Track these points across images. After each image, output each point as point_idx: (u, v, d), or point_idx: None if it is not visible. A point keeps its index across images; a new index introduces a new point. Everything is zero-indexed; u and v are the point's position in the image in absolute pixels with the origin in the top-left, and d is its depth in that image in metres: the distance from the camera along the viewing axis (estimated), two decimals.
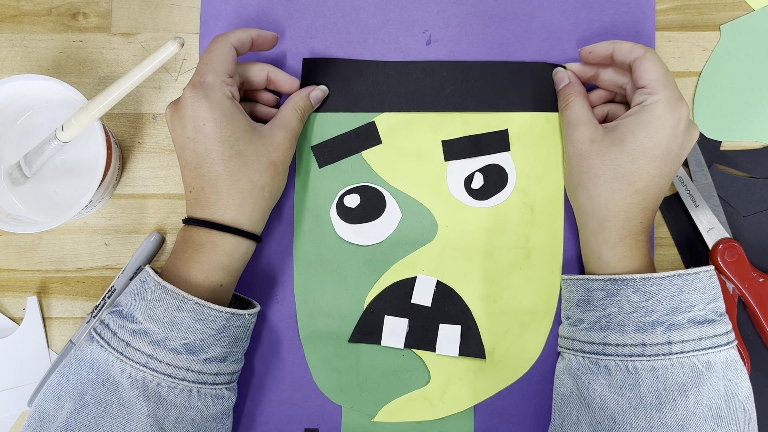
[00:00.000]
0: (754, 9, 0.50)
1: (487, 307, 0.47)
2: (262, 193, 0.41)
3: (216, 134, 0.40)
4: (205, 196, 0.40)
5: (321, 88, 0.47)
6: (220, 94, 0.40)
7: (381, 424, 0.47)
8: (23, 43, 0.49)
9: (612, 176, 0.41)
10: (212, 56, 0.41)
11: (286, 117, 0.43)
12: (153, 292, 0.38)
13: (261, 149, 0.41)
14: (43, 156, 0.43)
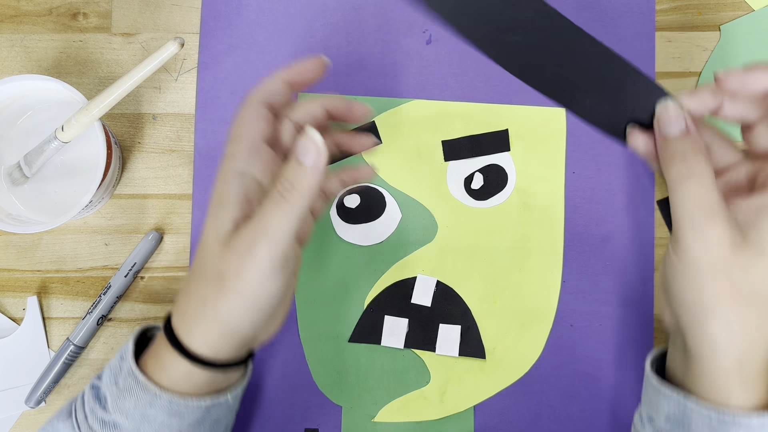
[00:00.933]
0: (754, 9, 0.50)
1: (488, 307, 0.47)
2: (203, 308, 0.31)
3: (209, 222, 0.33)
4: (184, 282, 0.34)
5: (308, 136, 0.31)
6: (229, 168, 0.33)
7: (381, 424, 0.47)
8: (23, 43, 0.49)
9: (761, 298, 0.29)
10: (239, 128, 0.33)
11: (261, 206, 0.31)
12: (125, 379, 0.33)
13: (215, 251, 0.31)
14: (44, 156, 0.43)
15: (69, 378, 0.47)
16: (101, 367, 0.47)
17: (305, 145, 0.31)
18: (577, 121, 0.49)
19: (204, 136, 0.48)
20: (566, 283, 0.48)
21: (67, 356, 0.45)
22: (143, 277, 0.48)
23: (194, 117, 0.48)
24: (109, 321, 0.47)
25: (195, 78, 0.49)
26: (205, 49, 0.49)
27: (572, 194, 0.48)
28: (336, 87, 0.48)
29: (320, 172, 0.31)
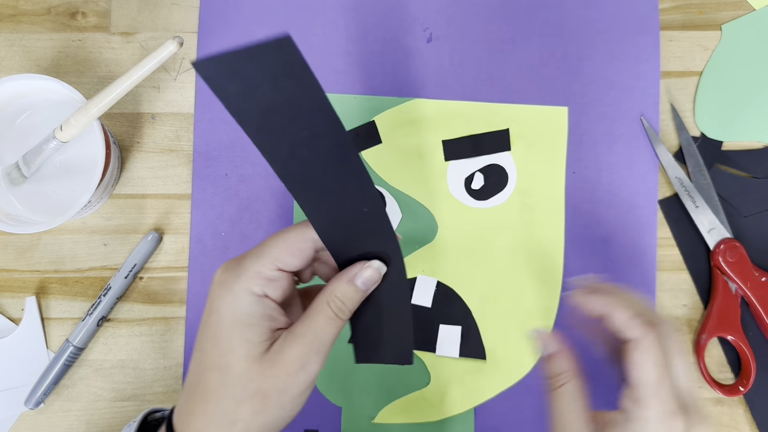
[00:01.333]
0: (755, 8, 0.49)
1: (488, 307, 0.47)
2: (230, 428, 0.30)
3: (213, 331, 0.31)
4: (184, 396, 0.32)
5: (373, 265, 0.32)
6: (242, 287, 0.31)
7: (381, 425, 0.47)
8: (22, 43, 0.49)
9: None
10: (274, 241, 0.32)
11: (311, 320, 0.31)
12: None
13: (253, 370, 0.30)
14: (42, 156, 0.43)
15: (68, 379, 0.47)
16: (100, 368, 0.47)
17: (370, 275, 0.32)
18: (578, 121, 0.49)
19: (203, 135, 0.48)
20: (567, 284, 0.48)
21: (67, 357, 0.45)
22: (142, 278, 0.47)
23: (193, 116, 0.48)
24: (108, 321, 0.47)
25: (194, 77, 0.48)
26: (204, 48, 0.49)
27: (573, 194, 0.48)
28: (336, 86, 0.48)
29: (366, 295, 0.33)
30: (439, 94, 0.48)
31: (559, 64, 0.49)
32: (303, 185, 0.29)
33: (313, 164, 0.28)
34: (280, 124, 0.27)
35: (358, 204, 0.30)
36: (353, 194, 0.30)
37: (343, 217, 0.31)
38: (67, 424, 0.46)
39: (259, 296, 0.31)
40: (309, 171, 0.29)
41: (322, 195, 0.30)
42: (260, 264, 0.31)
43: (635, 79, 0.49)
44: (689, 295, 0.48)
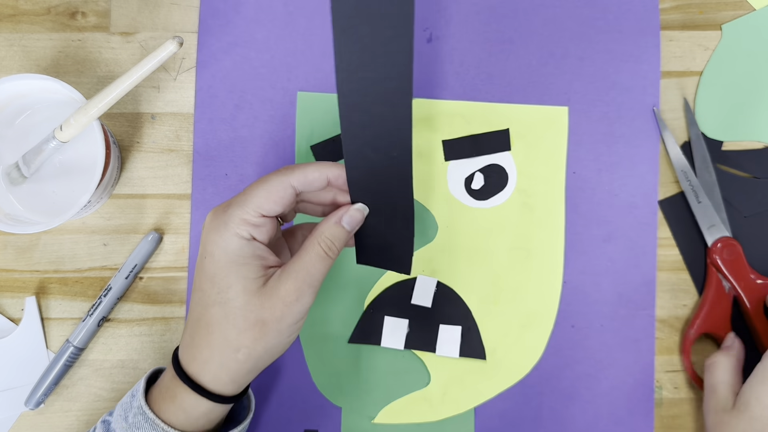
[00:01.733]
0: (755, 8, 0.49)
1: (488, 308, 0.47)
2: (234, 354, 0.34)
3: (210, 272, 0.34)
4: (189, 330, 0.36)
5: (357, 208, 0.36)
6: (232, 233, 0.34)
7: (381, 425, 0.47)
8: (21, 43, 0.49)
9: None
10: (256, 189, 0.35)
11: (303, 258, 0.35)
12: (135, 415, 0.35)
13: (252, 303, 0.34)
14: (42, 156, 0.43)
15: (68, 379, 0.47)
16: (100, 368, 0.47)
17: (354, 216, 0.36)
18: (578, 121, 0.49)
19: (203, 135, 0.48)
20: (567, 284, 0.48)
21: (67, 357, 0.45)
22: (142, 278, 0.47)
23: (193, 116, 0.48)
24: (108, 321, 0.47)
25: (194, 77, 0.48)
26: (204, 48, 0.48)
27: (573, 194, 0.48)
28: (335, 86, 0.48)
29: (352, 234, 0.36)
30: (439, 94, 0.48)
31: (559, 64, 0.49)
32: (354, 108, 0.32)
33: (370, 95, 0.31)
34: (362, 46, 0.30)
35: (391, 146, 0.33)
36: (391, 137, 0.33)
37: (373, 152, 0.33)
38: (67, 424, 0.46)
39: (248, 239, 0.34)
40: (364, 98, 0.31)
41: (364, 126, 0.33)
42: (244, 212, 0.34)
43: (635, 79, 0.49)
44: (689, 295, 0.48)
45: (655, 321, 0.48)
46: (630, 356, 0.47)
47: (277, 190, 0.34)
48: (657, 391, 0.47)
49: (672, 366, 0.48)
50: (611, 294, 0.48)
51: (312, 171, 0.35)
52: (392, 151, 0.33)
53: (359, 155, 0.34)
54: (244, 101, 0.48)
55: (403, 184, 0.35)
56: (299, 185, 0.35)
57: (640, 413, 0.47)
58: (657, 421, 0.47)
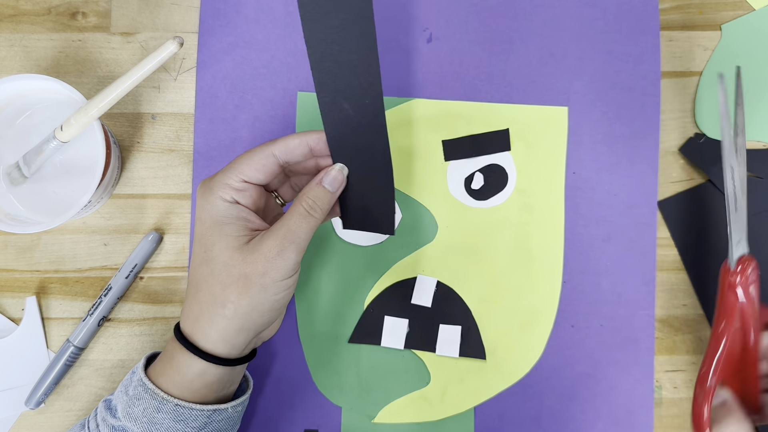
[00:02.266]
0: (755, 8, 0.49)
1: (488, 307, 0.47)
2: (221, 310, 0.35)
3: (199, 234, 0.37)
4: (187, 295, 0.38)
5: (336, 168, 0.38)
6: (216, 196, 0.36)
7: (381, 425, 0.47)
8: (22, 43, 0.49)
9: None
10: (240, 158, 0.37)
11: (286, 218, 0.36)
12: (135, 388, 0.37)
13: (235, 258, 0.35)
14: (42, 156, 0.43)
15: (68, 379, 0.47)
16: (101, 368, 0.47)
17: (335, 176, 0.37)
18: (578, 121, 0.49)
19: (203, 135, 0.48)
20: (567, 284, 0.48)
21: (67, 357, 0.45)
22: (142, 278, 0.47)
23: (193, 116, 0.48)
24: (108, 321, 0.47)
25: (194, 77, 0.49)
26: (204, 48, 0.49)
27: (573, 194, 0.48)
28: None
29: (336, 196, 0.38)
30: (439, 94, 0.48)
31: (559, 64, 0.49)
32: (323, 58, 0.34)
33: (337, 42, 0.33)
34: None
35: (362, 93, 0.35)
36: (361, 83, 0.34)
37: (347, 102, 0.35)
38: (67, 424, 0.46)
39: (231, 202, 0.36)
40: (331, 47, 0.33)
41: (335, 76, 0.34)
42: (227, 177, 0.37)
43: (635, 79, 0.49)
44: (689, 295, 0.48)
45: (654, 321, 0.48)
46: (629, 356, 0.47)
47: (259, 158, 0.37)
48: (657, 391, 0.47)
49: (672, 366, 0.48)
50: (611, 294, 0.48)
51: (292, 139, 0.37)
52: (364, 98, 0.35)
53: (334, 106, 0.35)
54: (244, 101, 0.48)
55: (378, 132, 0.36)
56: (281, 153, 0.37)
57: (640, 413, 0.47)
58: (657, 421, 0.47)
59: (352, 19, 0.32)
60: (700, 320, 0.48)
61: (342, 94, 0.35)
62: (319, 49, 0.34)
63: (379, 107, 0.35)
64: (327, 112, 0.36)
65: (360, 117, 0.36)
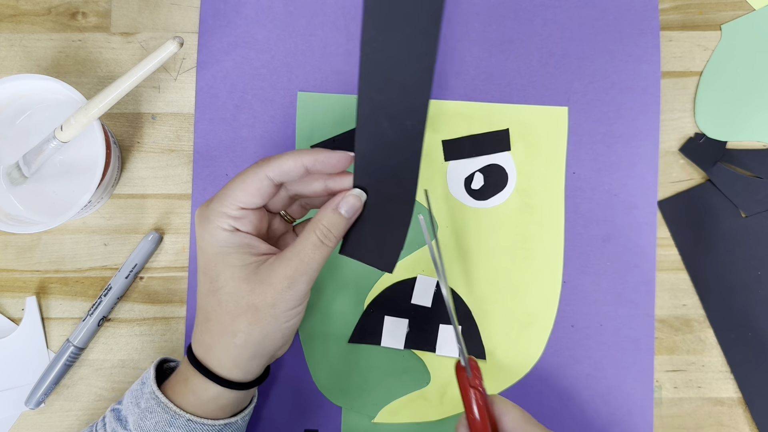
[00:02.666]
0: (755, 8, 0.49)
1: (488, 307, 0.47)
2: (232, 339, 0.35)
3: (202, 264, 0.36)
4: (196, 321, 0.37)
5: (355, 194, 0.35)
6: (214, 226, 0.35)
7: (381, 425, 0.47)
8: (22, 43, 0.49)
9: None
10: (234, 183, 0.35)
11: (297, 246, 0.35)
12: (147, 401, 0.37)
13: (242, 289, 0.34)
14: (42, 156, 0.43)
15: (68, 379, 0.47)
16: (101, 368, 0.47)
17: (353, 204, 0.35)
18: (578, 121, 0.49)
19: (203, 135, 0.48)
20: (567, 284, 0.48)
21: (67, 357, 0.45)
22: (142, 278, 0.47)
23: (193, 116, 0.48)
24: (108, 321, 0.47)
25: (194, 77, 0.49)
26: (204, 48, 0.49)
27: (573, 194, 0.48)
28: (336, 86, 0.48)
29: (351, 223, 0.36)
30: (439, 94, 0.48)
31: (559, 64, 0.49)
32: (375, 69, 0.32)
33: (394, 56, 0.31)
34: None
35: (407, 114, 0.33)
36: (408, 103, 0.32)
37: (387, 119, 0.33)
38: (67, 424, 0.46)
39: (230, 231, 0.35)
40: (387, 59, 0.31)
41: (381, 89, 0.32)
42: (223, 205, 0.35)
43: (635, 79, 0.49)
44: (689, 295, 0.48)
45: (654, 321, 0.48)
46: (629, 356, 0.47)
47: (252, 182, 0.35)
48: (656, 391, 0.47)
49: (672, 366, 0.48)
50: (611, 294, 0.48)
51: (286, 160, 0.35)
52: (407, 120, 0.33)
53: (372, 122, 0.33)
54: (244, 101, 0.48)
55: (412, 157, 0.34)
56: (275, 176, 0.35)
57: (640, 413, 0.47)
58: (657, 421, 0.47)
59: (416, 36, 0.30)
60: (700, 320, 0.48)
61: (384, 111, 0.33)
62: (373, 60, 0.31)
63: (420, 132, 0.33)
64: (363, 126, 0.33)
65: (397, 138, 0.33)
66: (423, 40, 0.30)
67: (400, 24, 0.30)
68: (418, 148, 0.33)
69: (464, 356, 0.37)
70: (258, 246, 0.36)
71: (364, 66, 0.32)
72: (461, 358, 0.37)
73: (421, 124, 0.33)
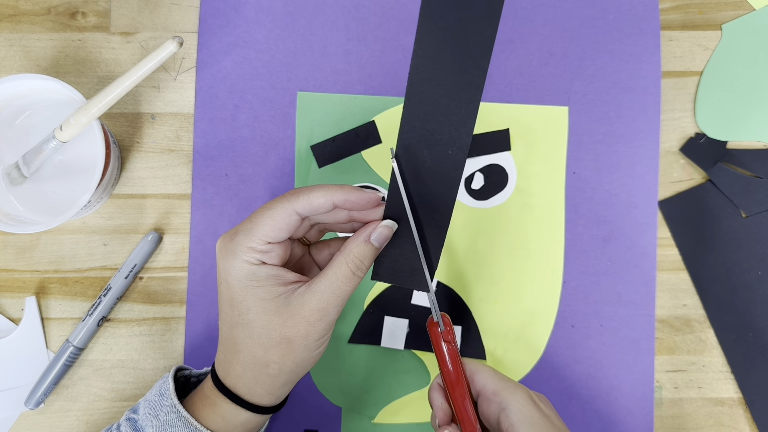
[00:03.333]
0: (755, 8, 0.49)
1: (488, 308, 0.47)
2: (265, 369, 0.35)
3: (228, 296, 0.35)
4: (222, 347, 0.37)
5: (387, 224, 0.35)
6: (241, 260, 0.34)
7: (381, 425, 0.47)
8: (22, 43, 0.49)
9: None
10: (261, 217, 0.35)
11: (330, 277, 0.34)
12: (167, 414, 0.36)
13: (274, 322, 0.34)
14: (42, 156, 0.43)
15: (68, 379, 0.47)
16: (100, 368, 0.47)
17: (383, 233, 0.35)
18: (578, 121, 0.49)
19: (203, 135, 0.48)
20: (567, 284, 0.48)
21: (67, 357, 0.45)
22: (142, 278, 0.47)
23: (193, 116, 0.48)
24: (108, 321, 0.47)
25: (194, 77, 0.48)
26: (204, 48, 0.48)
27: (573, 194, 0.48)
28: (336, 86, 0.48)
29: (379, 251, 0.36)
30: None
31: (559, 64, 0.49)
32: (421, 98, 0.32)
33: (441, 86, 0.32)
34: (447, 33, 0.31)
35: (449, 143, 0.33)
36: (452, 132, 0.33)
37: (427, 149, 0.33)
38: (67, 424, 0.46)
39: (257, 265, 0.34)
40: (434, 89, 0.32)
41: (426, 119, 0.33)
42: (250, 240, 0.34)
43: (636, 78, 0.49)
44: (689, 295, 0.48)
45: (654, 321, 0.48)
46: (630, 356, 0.47)
47: (281, 217, 0.34)
48: (657, 391, 0.47)
49: (672, 366, 0.48)
50: (611, 294, 0.48)
51: (317, 197, 0.35)
52: (448, 149, 0.33)
53: (412, 151, 0.33)
54: (244, 101, 0.48)
55: (450, 186, 0.34)
56: (304, 211, 0.35)
57: (640, 413, 0.47)
58: (657, 421, 0.47)
59: (465, 67, 0.31)
60: (700, 320, 0.48)
61: (426, 140, 0.33)
62: (420, 89, 0.32)
63: (461, 161, 0.33)
64: (403, 155, 0.33)
65: (436, 167, 0.33)
66: (473, 71, 0.31)
67: (452, 54, 0.30)
68: (458, 176, 0.33)
69: (436, 311, 0.37)
70: (285, 275, 0.35)
71: (411, 94, 0.32)
72: (434, 313, 0.37)
73: (462, 153, 0.33)
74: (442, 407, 0.38)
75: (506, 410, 0.35)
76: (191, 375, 0.41)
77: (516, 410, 0.35)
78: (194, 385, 0.41)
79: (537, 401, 0.36)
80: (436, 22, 0.30)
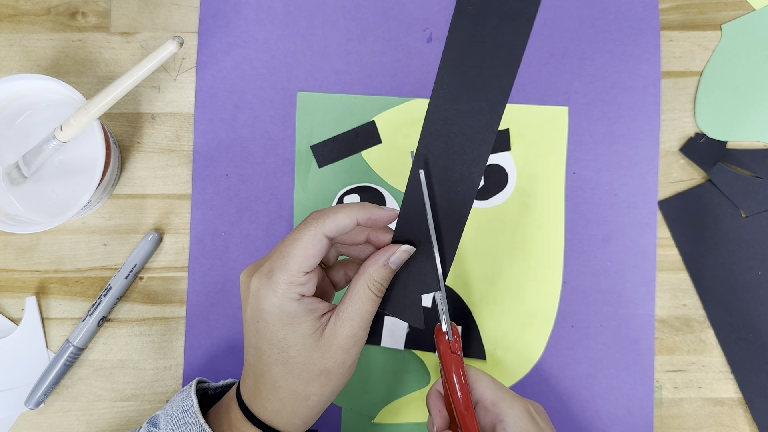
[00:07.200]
0: (755, 8, 0.49)
1: (488, 308, 0.47)
2: (305, 402, 0.36)
3: (267, 335, 0.35)
4: (252, 381, 0.37)
5: (405, 249, 0.36)
6: (283, 297, 0.34)
7: (381, 425, 0.47)
8: (22, 43, 0.49)
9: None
10: (293, 248, 0.34)
11: (355, 303, 0.35)
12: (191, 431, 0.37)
13: (314, 357, 0.35)
14: (42, 156, 0.43)
15: (68, 379, 0.47)
16: (100, 368, 0.47)
17: (401, 257, 0.36)
18: (578, 121, 0.49)
19: (203, 135, 0.48)
20: (567, 284, 0.48)
21: (67, 357, 0.45)
22: (142, 278, 0.47)
23: (193, 116, 0.48)
24: (108, 321, 0.47)
25: (194, 77, 0.48)
26: (204, 48, 0.49)
27: (573, 194, 0.48)
28: (336, 86, 0.48)
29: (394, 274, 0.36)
30: None
31: (559, 64, 0.49)
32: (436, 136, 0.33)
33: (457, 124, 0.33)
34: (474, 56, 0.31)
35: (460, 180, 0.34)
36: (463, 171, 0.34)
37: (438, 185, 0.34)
38: (67, 424, 0.46)
39: (298, 300, 0.34)
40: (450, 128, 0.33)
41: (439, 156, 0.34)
42: (290, 275, 0.34)
43: (636, 78, 0.49)
44: (689, 295, 0.48)
45: (654, 321, 0.48)
46: (629, 356, 0.47)
47: (313, 244, 0.34)
48: (657, 391, 0.47)
49: (672, 366, 0.48)
50: (611, 294, 0.48)
51: (343, 217, 0.35)
52: (459, 186, 0.34)
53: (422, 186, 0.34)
54: (244, 101, 0.48)
55: (458, 222, 0.34)
56: (332, 233, 0.35)
57: (640, 413, 0.47)
58: (657, 421, 0.47)
59: (480, 109, 0.32)
60: (700, 320, 0.48)
61: (437, 176, 0.34)
62: (436, 126, 0.33)
63: (470, 199, 0.34)
64: (413, 189, 0.34)
65: (445, 203, 0.34)
66: (489, 114, 0.32)
67: (470, 97, 0.31)
68: (465, 213, 0.34)
69: (447, 321, 0.37)
70: (319, 307, 0.35)
71: (426, 131, 0.33)
72: (443, 322, 0.37)
73: (472, 191, 0.34)
74: (441, 414, 0.38)
75: (503, 422, 0.36)
76: (209, 388, 0.41)
77: (512, 423, 0.36)
78: (212, 398, 0.41)
79: (534, 414, 0.37)
80: (458, 66, 0.31)
